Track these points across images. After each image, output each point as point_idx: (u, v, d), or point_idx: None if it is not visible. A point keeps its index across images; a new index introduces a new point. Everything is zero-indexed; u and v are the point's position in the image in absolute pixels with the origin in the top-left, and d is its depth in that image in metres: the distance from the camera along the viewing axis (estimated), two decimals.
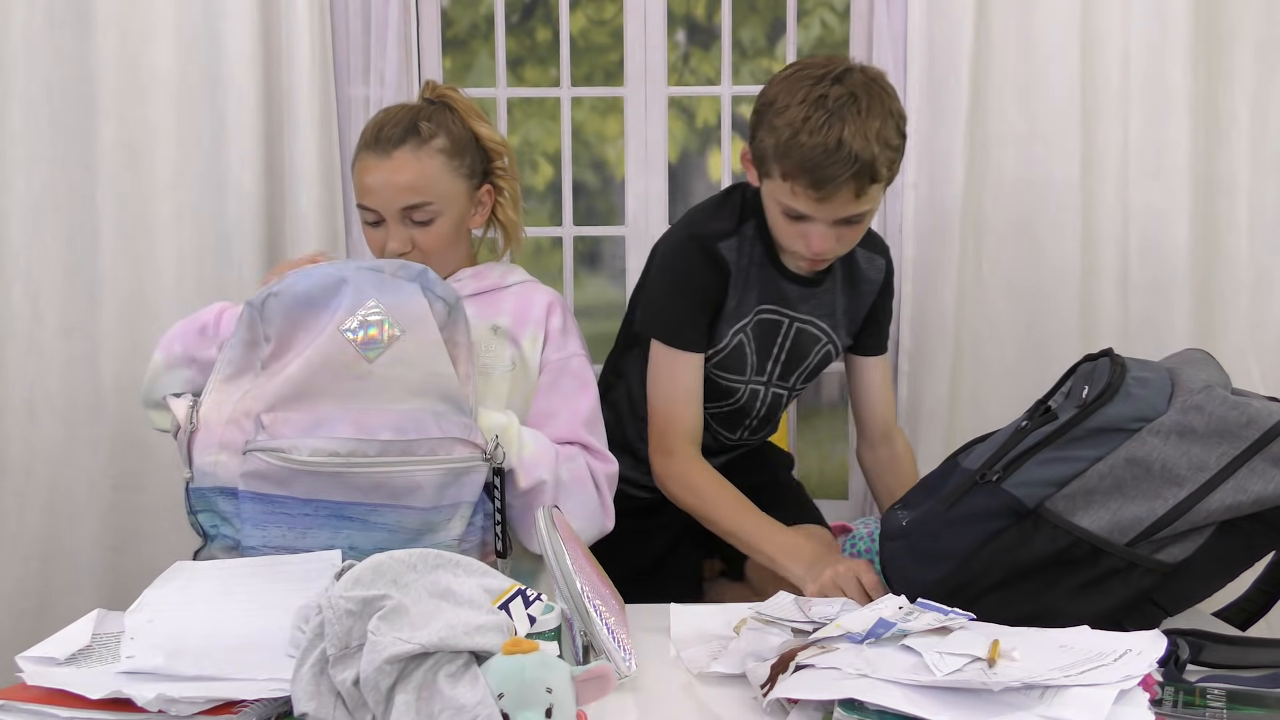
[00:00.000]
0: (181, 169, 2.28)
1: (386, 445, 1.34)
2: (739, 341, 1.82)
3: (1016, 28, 2.32)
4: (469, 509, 1.41)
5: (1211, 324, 2.36)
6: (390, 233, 1.66)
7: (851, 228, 1.70)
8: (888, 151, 1.62)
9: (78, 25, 2.24)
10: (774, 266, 1.81)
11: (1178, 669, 1.14)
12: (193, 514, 1.40)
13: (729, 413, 1.89)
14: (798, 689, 1.08)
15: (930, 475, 1.52)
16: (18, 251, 2.25)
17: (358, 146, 1.71)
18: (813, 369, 1.90)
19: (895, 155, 1.65)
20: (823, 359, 1.90)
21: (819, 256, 1.71)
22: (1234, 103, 2.33)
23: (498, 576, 1.19)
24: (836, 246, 1.71)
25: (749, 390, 1.87)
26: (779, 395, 1.91)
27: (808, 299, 1.83)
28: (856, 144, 1.58)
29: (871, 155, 1.59)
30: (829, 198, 1.62)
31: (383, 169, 1.65)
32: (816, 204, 1.63)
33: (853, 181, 1.60)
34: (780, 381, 1.89)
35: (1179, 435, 1.28)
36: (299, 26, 2.24)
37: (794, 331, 1.84)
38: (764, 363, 1.86)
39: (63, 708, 1.04)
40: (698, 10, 2.77)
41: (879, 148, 1.60)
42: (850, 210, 1.65)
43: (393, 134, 1.67)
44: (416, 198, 1.64)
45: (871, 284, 1.90)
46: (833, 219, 1.66)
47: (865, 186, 1.62)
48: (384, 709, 0.99)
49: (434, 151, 1.67)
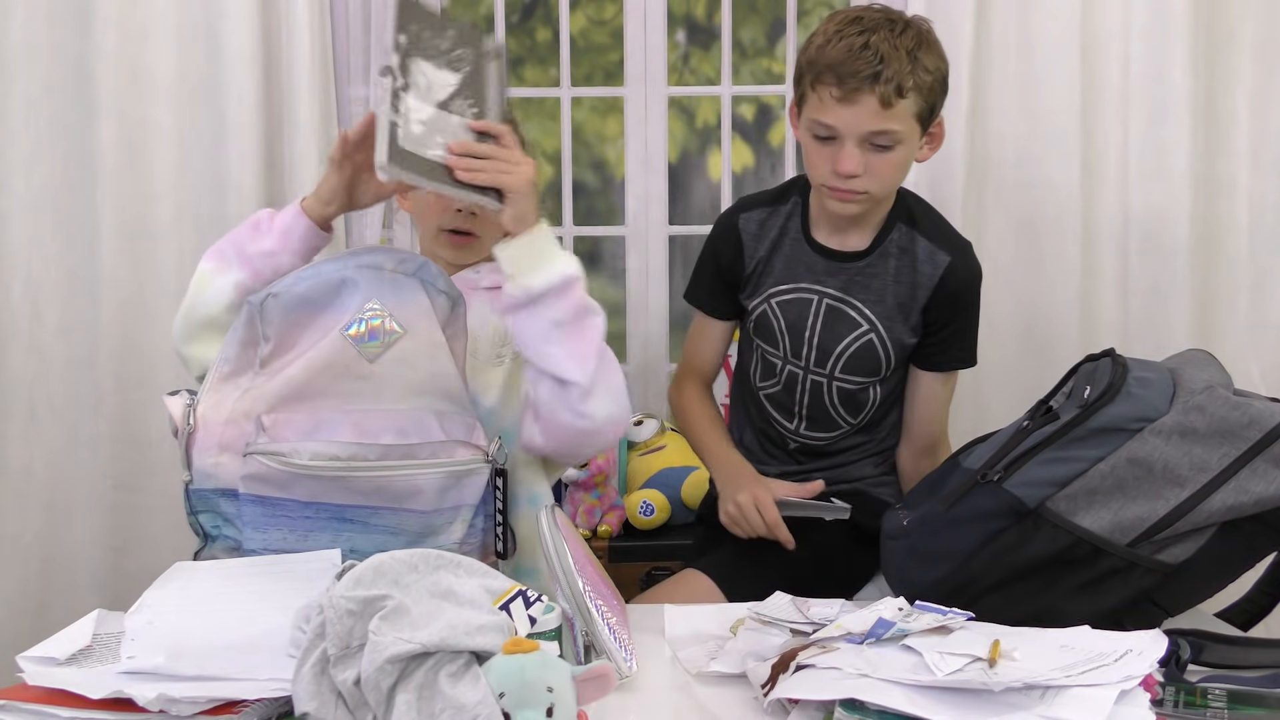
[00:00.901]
0: (181, 169, 2.28)
1: (388, 449, 1.34)
2: (764, 310, 1.81)
3: (1016, 28, 2.32)
4: (470, 511, 1.41)
5: (1211, 324, 2.36)
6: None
7: (881, 156, 1.65)
8: (919, 70, 1.62)
9: (78, 25, 2.24)
10: (807, 241, 1.79)
11: (1179, 669, 1.14)
12: (193, 515, 1.39)
13: (777, 394, 1.85)
14: (798, 689, 1.08)
15: (931, 475, 1.53)
16: (18, 251, 2.25)
17: None
18: (852, 357, 1.78)
19: (928, 79, 1.64)
20: (865, 349, 1.77)
21: (848, 177, 1.65)
22: (1234, 103, 2.33)
23: (498, 577, 1.18)
24: (866, 177, 1.65)
25: (787, 372, 1.82)
26: (819, 385, 1.81)
27: (838, 273, 1.77)
28: (884, 48, 1.60)
29: (899, 63, 1.60)
30: (853, 99, 1.61)
31: None
32: (841, 108, 1.62)
33: (877, 85, 1.59)
34: (818, 369, 1.80)
35: (1180, 435, 1.28)
36: (299, 26, 2.24)
37: (824, 309, 1.77)
38: (798, 345, 1.80)
39: (63, 708, 1.04)
40: (698, 10, 2.77)
41: (907, 61, 1.61)
42: (876, 124, 1.62)
43: None
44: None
45: (925, 278, 1.76)
46: (860, 132, 1.63)
47: (891, 96, 1.60)
48: (385, 709, 0.99)
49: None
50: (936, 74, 1.66)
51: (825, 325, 1.78)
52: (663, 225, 2.53)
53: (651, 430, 2.39)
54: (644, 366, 2.54)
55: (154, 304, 2.30)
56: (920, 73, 1.63)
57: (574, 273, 1.42)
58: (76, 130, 2.26)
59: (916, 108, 1.64)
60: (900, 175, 1.72)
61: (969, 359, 1.83)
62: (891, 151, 1.65)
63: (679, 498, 2.28)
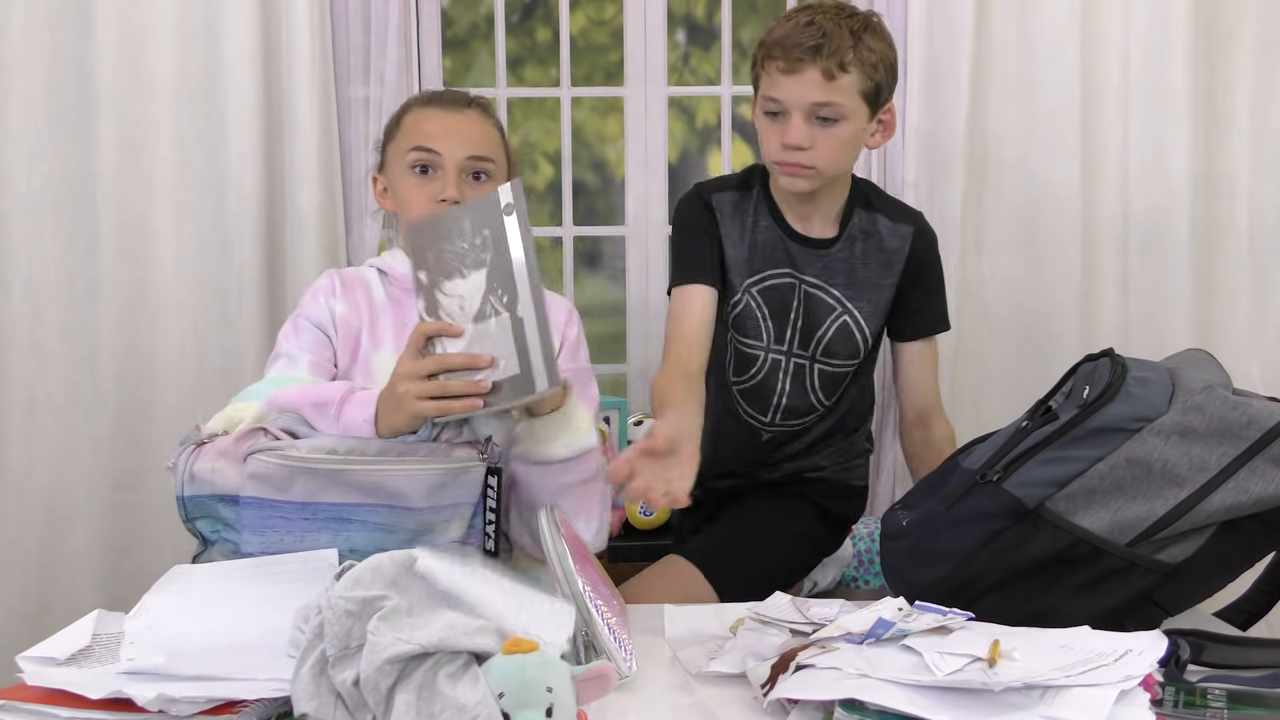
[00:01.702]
0: (181, 169, 2.28)
1: (386, 445, 1.34)
2: (747, 301, 1.83)
3: (1016, 28, 2.32)
4: (469, 510, 1.41)
5: (1211, 324, 2.36)
6: (448, 181, 1.62)
7: (827, 130, 1.69)
8: (862, 48, 1.67)
9: (78, 25, 2.24)
10: (780, 228, 1.82)
11: (1178, 669, 1.14)
12: (189, 521, 1.39)
13: (754, 387, 1.87)
14: (798, 689, 1.08)
15: (930, 475, 1.52)
16: (18, 251, 2.25)
17: (407, 108, 1.71)
18: (832, 341, 1.84)
19: (871, 58, 1.68)
20: (842, 332, 1.83)
21: (794, 149, 1.70)
22: (1234, 103, 2.34)
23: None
24: (814, 151, 1.70)
25: (769, 359, 1.85)
26: (801, 367, 1.85)
27: (814, 261, 1.82)
28: (827, 26, 1.67)
29: (840, 39, 1.66)
30: (797, 70, 1.67)
31: (451, 119, 1.66)
32: (786, 80, 1.68)
33: (819, 58, 1.65)
34: (800, 351, 1.84)
35: (1180, 435, 1.28)
36: (299, 26, 2.24)
37: (804, 295, 1.83)
38: (781, 330, 1.84)
39: (63, 708, 1.04)
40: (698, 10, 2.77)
41: (850, 38, 1.67)
42: (820, 95, 1.67)
43: (458, 97, 1.70)
44: (482, 150, 1.65)
45: (894, 254, 1.83)
46: (804, 104, 1.68)
47: (833, 69, 1.66)
48: (384, 709, 0.99)
49: (494, 126, 1.71)
50: (882, 57, 1.71)
51: (807, 310, 1.84)
52: (663, 225, 2.53)
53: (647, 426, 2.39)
54: (644, 366, 2.54)
55: (154, 304, 2.30)
56: (863, 50, 1.68)
57: (595, 443, 1.46)
58: (76, 130, 2.26)
59: (861, 85, 1.69)
60: (847, 153, 1.75)
61: (944, 322, 1.90)
62: (837, 125, 1.70)
63: None
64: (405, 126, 1.69)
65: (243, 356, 2.30)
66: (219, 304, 2.31)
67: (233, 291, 2.30)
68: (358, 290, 1.68)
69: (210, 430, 1.41)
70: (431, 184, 1.64)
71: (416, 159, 1.64)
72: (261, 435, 1.35)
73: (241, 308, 2.29)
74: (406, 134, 1.67)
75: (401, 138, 1.68)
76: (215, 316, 2.32)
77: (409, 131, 1.67)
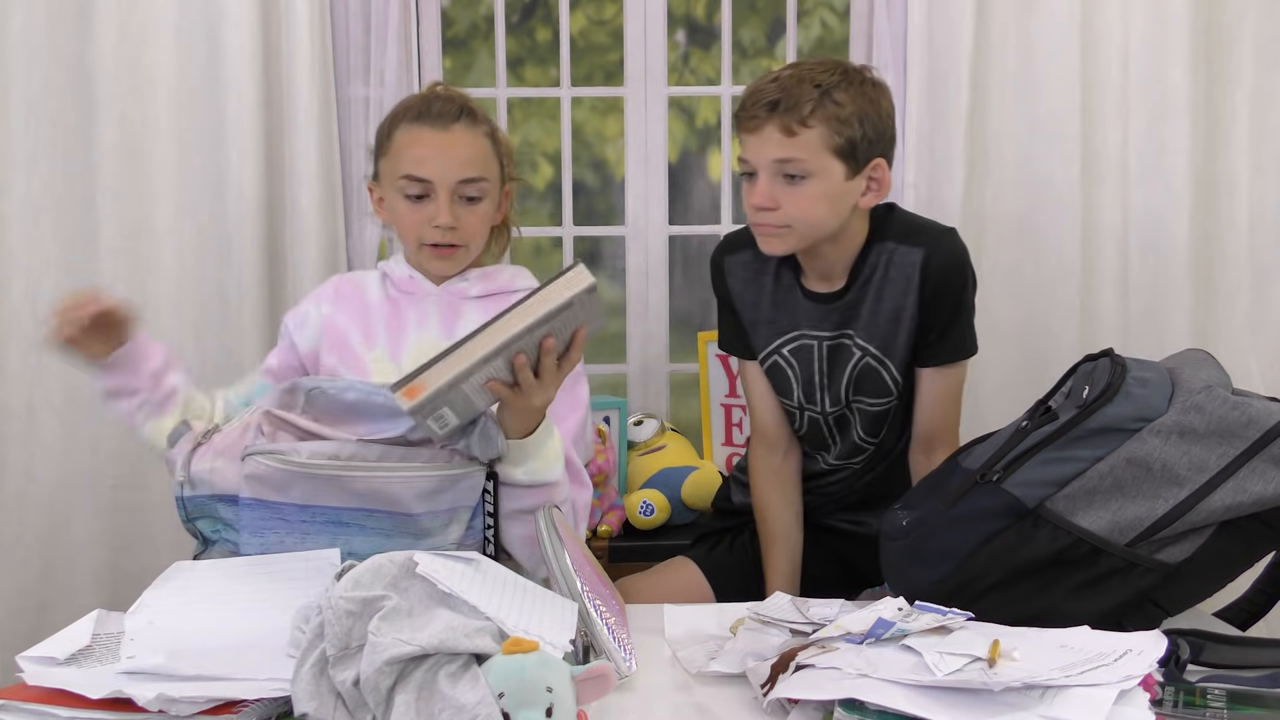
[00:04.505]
0: (181, 169, 2.28)
1: (386, 450, 1.34)
2: (775, 362, 1.82)
3: (1016, 28, 2.32)
4: (467, 513, 1.41)
5: (1211, 324, 2.36)
6: (440, 206, 1.64)
7: (793, 188, 1.65)
8: (827, 103, 1.62)
9: (78, 25, 2.24)
10: (800, 288, 1.79)
11: (1178, 669, 1.14)
12: (189, 522, 1.40)
13: (806, 435, 1.87)
14: (798, 689, 1.08)
15: (931, 475, 1.52)
16: (18, 251, 2.25)
17: (397, 120, 1.70)
18: (858, 381, 1.78)
19: (840, 113, 1.62)
20: (866, 371, 1.78)
21: (760, 208, 1.67)
22: (1234, 103, 2.33)
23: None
24: (784, 210, 1.66)
25: (806, 417, 1.84)
26: (844, 418, 1.83)
27: (827, 316, 1.77)
28: (788, 80, 1.64)
29: (800, 93, 1.62)
30: (758, 129, 1.64)
31: (441, 139, 1.65)
32: (750, 139, 1.66)
33: (776, 114, 1.62)
34: (834, 407, 1.82)
35: (1179, 435, 1.28)
36: (299, 26, 2.24)
37: (826, 351, 1.79)
38: (810, 389, 1.81)
39: (63, 708, 1.04)
40: (698, 10, 2.77)
41: (812, 91, 1.62)
42: (780, 152, 1.63)
43: (447, 109, 1.68)
44: (474, 171, 1.65)
45: (907, 280, 1.72)
46: (766, 161, 1.65)
47: (791, 124, 1.62)
48: (384, 709, 0.99)
49: (484, 135, 1.69)
50: (857, 111, 1.64)
51: (830, 364, 1.80)
52: (663, 225, 2.53)
53: (651, 430, 2.39)
54: (644, 366, 2.54)
55: (154, 304, 2.30)
56: (828, 105, 1.62)
57: (558, 479, 1.46)
58: (76, 130, 2.26)
59: (827, 141, 1.63)
60: (822, 210, 1.67)
61: (962, 349, 1.78)
62: (805, 183, 1.64)
63: (679, 498, 2.27)
64: (397, 145, 1.68)
65: (243, 356, 2.29)
66: (219, 304, 2.31)
67: (233, 291, 2.30)
68: (353, 292, 1.73)
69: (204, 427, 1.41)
70: (425, 209, 1.65)
71: (409, 187, 1.66)
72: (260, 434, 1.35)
73: (241, 308, 2.29)
74: (398, 156, 1.67)
75: (393, 158, 1.68)
76: (215, 316, 2.31)
77: (400, 154, 1.67)
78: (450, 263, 1.69)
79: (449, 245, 1.66)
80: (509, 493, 1.44)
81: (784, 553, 1.85)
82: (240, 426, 1.38)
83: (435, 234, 1.65)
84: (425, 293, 1.71)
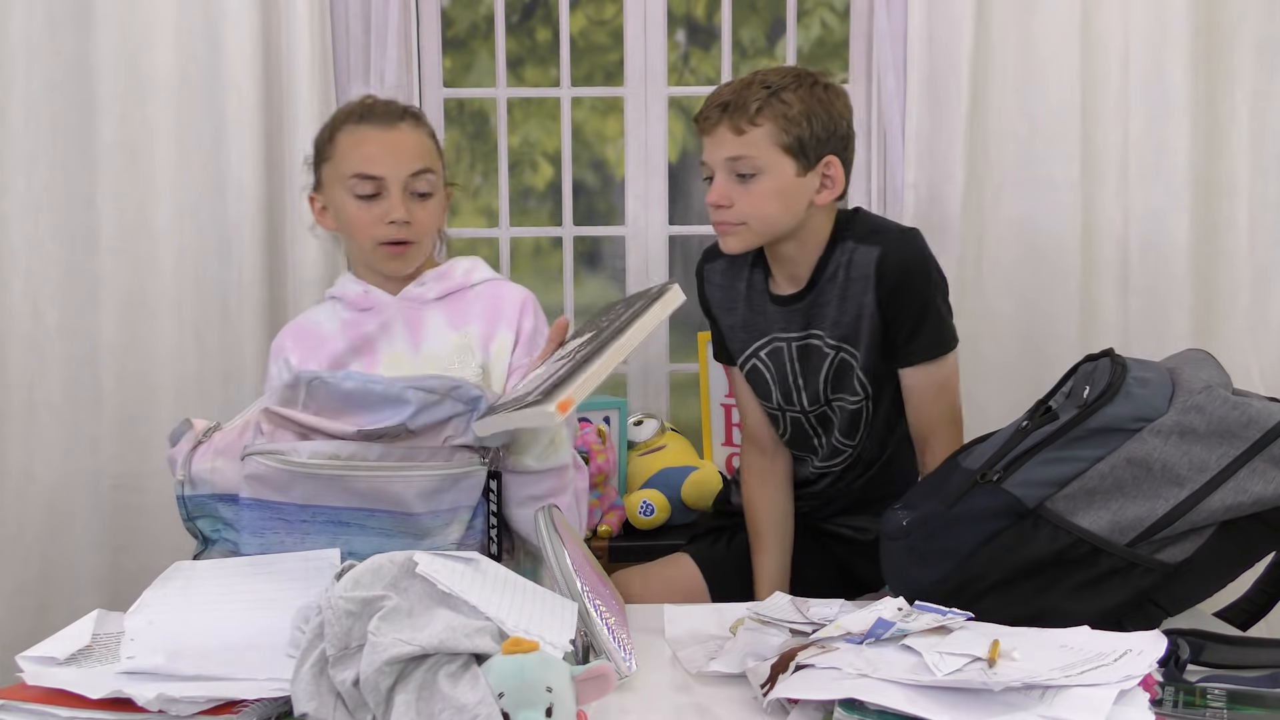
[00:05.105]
0: (181, 169, 2.28)
1: (387, 450, 1.34)
2: (754, 365, 1.86)
3: (1016, 28, 2.32)
4: (468, 513, 1.41)
5: (1211, 324, 2.36)
6: (393, 202, 1.64)
7: (746, 185, 1.70)
8: (775, 102, 1.68)
9: (78, 25, 2.24)
10: (767, 293, 1.83)
11: (1178, 669, 1.14)
12: (190, 521, 1.40)
13: (791, 438, 1.89)
14: (798, 689, 1.08)
15: (931, 475, 1.52)
16: (18, 251, 2.25)
17: (338, 125, 1.70)
18: (834, 379, 1.79)
19: (788, 111, 1.68)
20: (843, 368, 1.78)
21: (716, 205, 1.73)
22: (1234, 103, 2.33)
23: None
24: (737, 207, 1.71)
25: (789, 418, 1.87)
26: (824, 415, 1.84)
27: (792, 317, 1.80)
28: (739, 84, 1.72)
29: (748, 93, 1.69)
30: (711, 131, 1.72)
31: (388, 137, 1.66)
32: (706, 140, 1.74)
33: (726, 115, 1.69)
34: (813, 405, 1.83)
35: (1179, 435, 1.28)
36: (299, 26, 2.24)
37: (795, 352, 1.82)
38: (787, 390, 1.84)
39: (63, 708, 1.04)
40: (698, 10, 2.77)
41: (760, 91, 1.68)
42: (730, 150, 1.70)
43: (390, 109, 1.69)
44: (423, 164, 1.66)
45: (865, 279, 1.73)
46: (720, 160, 1.71)
47: (740, 123, 1.68)
48: (384, 709, 0.99)
49: (427, 135, 1.71)
50: (805, 110, 1.69)
51: (801, 363, 1.82)
52: (662, 225, 2.54)
53: (651, 430, 2.39)
54: (644, 366, 2.54)
55: (154, 304, 2.30)
56: (776, 104, 1.68)
57: (568, 461, 1.49)
58: (76, 130, 2.26)
59: (776, 138, 1.69)
60: (775, 207, 1.71)
61: (935, 347, 1.76)
62: (755, 180, 1.70)
63: (679, 497, 2.27)
64: (341, 148, 1.67)
65: (243, 356, 2.30)
66: (219, 304, 2.31)
67: (233, 291, 2.30)
68: (308, 335, 1.72)
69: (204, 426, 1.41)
70: (378, 205, 1.65)
71: (360, 185, 1.65)
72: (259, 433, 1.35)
73: (241, 308, 2.29)
74: (344, 157, 1.66)
75: (339, 161, 1.67)
76: (215, 316, 2.32)
77: (347, 155, 1.66)
78: (404, 261, 1.68)
79: (403, 242, 1.66)
80: (522, 480, 1.45)
81: (771, 553, 1.87)
82: (240, 425, 1.39)
83: (390, 230, 1.65)
84: (383, 305, 1.70)
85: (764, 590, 1.80)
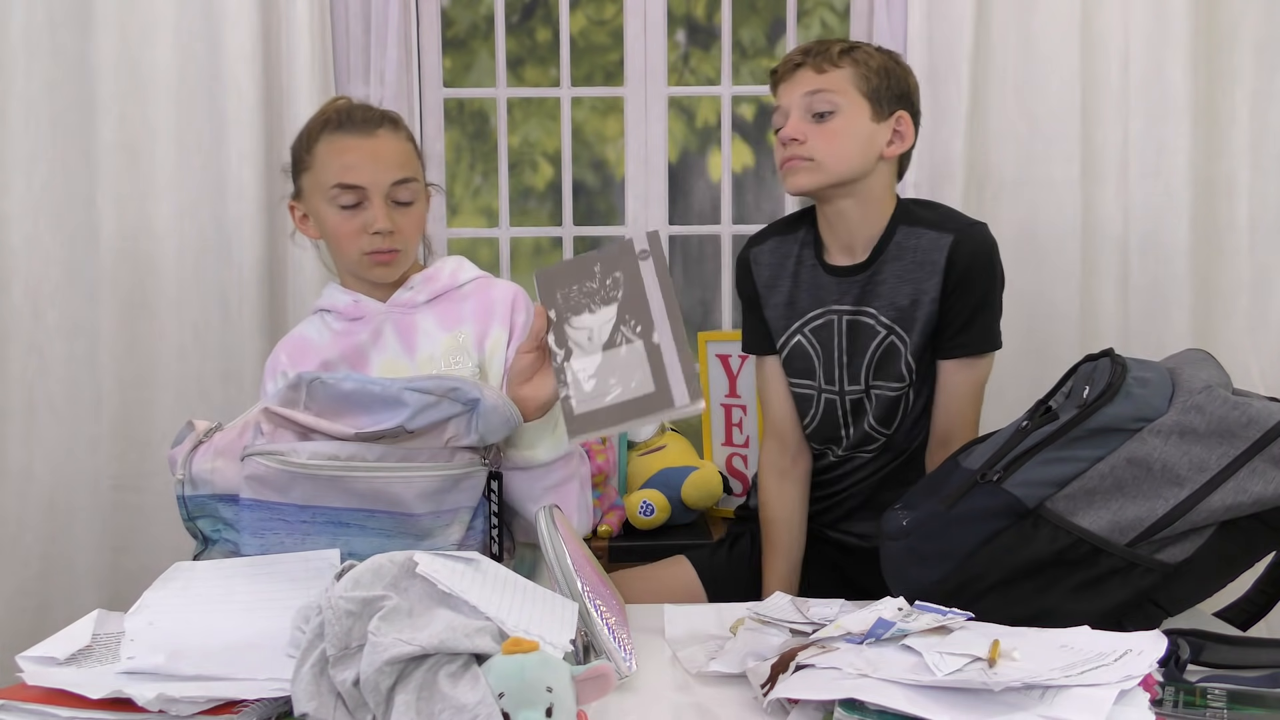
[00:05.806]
0: (181, 169, 2.28)
1: (387, 451, 1.34)
2: (798, 342, 1.84)
3: (1016, 28, 2.32)
4: (468, 514, 1.41)
5: (1211, 324, 2.36)
6: (376, 212, 1.63)
7: (822, 124, 1.73)
8: (856, 52, 1.75)
9: (78, 25, 2.24)
10: (821, 265, 1.82)
11: (1178, 669, 1.14)
12: (190, 521, 1.40)
13: (818, 427, 1.86)
14: (798, 689, 1.08)
15: (931, 475, 1.52)
16: (18, 251, 2.25)
17: (315, 133, 1.67)
18: (879, 365, 1.78)
19: (868, 60, 1.74)
20: (889, 353, 1.77)
21: (790, 139, 1.74)
22: (1234, 103, 2.33)
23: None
24: (811, 143, 1.73)
25: (823, 401, 1.84)
26: (858, 401, 1.81)
27: (848, 289, 1.78)
28: (816, 42, 1.79)
29: (830, 45, 1.75)
30: (791, 76, 1.76)
31: (368, 145, 1.64)
32: (783, 87, 1.77)
33: (809, 58, 1.74)
34: (852, 386, 1.81)
35: (1179, 435, 1.28)
36: (299, 26, 2.24)
37: (845, 327, 1.80)
38: (830, 368, 1.82)
39: (63, 708, 1.04)
40: (698, 10, 2.77)
41: (840, 43, 1.76)
42: (811, 85, 1.73)
43: (369, 116, 1.68)
44: (404, 173, 1.65)
45: (933, 265, 1.73)
46: (798, 98, 1.74)
47: (823, 64, 1.73)
48: (384, 709, 0.99)
49: (406, 139, 1.70)
50: (882, 65, 1.76)
51: (849, 340, 1.80)
52: (663, 225, 2.54)
53: (651, 430, 2.39)
54: None
55: (154, 304, 2.30)
56: (857, 53, 1.75)
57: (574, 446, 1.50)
58: (76, 130, 2.26)
59: (857, 81, 1.73)
60: (848, 148, 1.73)
61: (984, 343, 1.78)
62: (833, 118, 1.73)
63: (679, 498, 2.28)
64: (321, 158, 1.66)
65: (243, 356, 2.30)
66: (219, 304, 2.31)
67: (233, 291, 2.30)
68: (300, 349, 1.71)
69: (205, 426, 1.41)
70: (361, 215, 1.64)
71: (341, 196, 1.64)
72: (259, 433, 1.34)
73: (241, 308, 2.29)
74: (324, 167, 1.65)
75: (319, 170, 1.66)
76: (215, 316, 2.32)
77: (327, 165, 1.65)
78: (390, 269, 1.68)
79: (388, 251, 1.66)
80: (536, 475, 1.47)
81: (782, 553, 1.86)
82: (240, 425, 1.38)
83: (374, 240, 1.64)
84: (374, 313, 1.70)
85: (771, 589, 1.79)
